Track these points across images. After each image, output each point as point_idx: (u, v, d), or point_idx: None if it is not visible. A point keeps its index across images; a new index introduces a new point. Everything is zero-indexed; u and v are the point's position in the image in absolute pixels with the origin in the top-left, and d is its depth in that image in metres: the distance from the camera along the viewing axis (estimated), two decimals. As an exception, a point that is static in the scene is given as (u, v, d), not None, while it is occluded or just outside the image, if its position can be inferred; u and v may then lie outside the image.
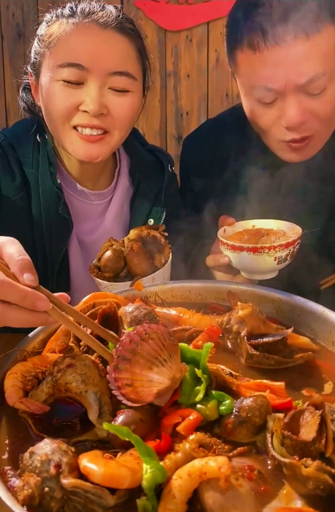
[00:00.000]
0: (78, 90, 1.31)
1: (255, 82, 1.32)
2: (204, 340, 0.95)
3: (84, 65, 1.29)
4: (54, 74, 1.31)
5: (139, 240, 1.30)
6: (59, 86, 1.31)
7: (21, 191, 1.41)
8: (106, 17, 1.31)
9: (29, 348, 0.98)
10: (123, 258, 1.28)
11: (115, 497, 0.67)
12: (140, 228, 1.33)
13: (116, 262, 1.27)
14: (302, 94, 1.29)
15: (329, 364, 0.96)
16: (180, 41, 3.30)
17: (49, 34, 1.34)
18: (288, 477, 0.70)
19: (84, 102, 1.30)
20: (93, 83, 1.30)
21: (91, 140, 1.34)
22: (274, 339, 0.94)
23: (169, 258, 1.30)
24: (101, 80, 1.30)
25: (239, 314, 0.98)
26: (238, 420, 0.77)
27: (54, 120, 1.36)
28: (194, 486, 0.68)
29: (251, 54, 1.28)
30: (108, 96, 1.32)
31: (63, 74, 1.30)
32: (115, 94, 1.33)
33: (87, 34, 1.31)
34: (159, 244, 1.32)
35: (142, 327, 0.82)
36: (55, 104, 1.33)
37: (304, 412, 0.74)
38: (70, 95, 1.31)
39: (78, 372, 0.82)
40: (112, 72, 1.31)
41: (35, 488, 0.67)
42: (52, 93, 1.33)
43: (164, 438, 0.74)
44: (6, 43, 3.40)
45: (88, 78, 1.30)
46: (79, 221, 1.50)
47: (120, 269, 1.28)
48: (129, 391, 0.78)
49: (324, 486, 0.67)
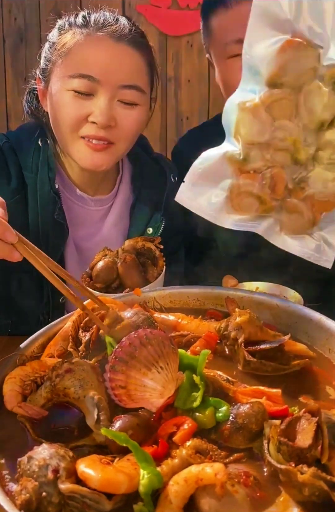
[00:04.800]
0: (88, 101, 1.32)
1: (228, 39, 1.37)
2: (201, 346, 0.96)
3: (96, 77, 1.30)
4: (65, 83, 1.32)
5: (134, 252, 1.30)
6: (70, 96, 1.32)
7: (17, 195, 1.41)
8: (119, 30, 1.33)
9: (28, 353, 0.98)
10: (116, 270, 1.26)
11: (112, 502, 0.68)
12: (135, 239, 1.33)
13: (109, 274, 1.26)
14: None
15: (325, 371, 0.96)
16: (180, 46, 3.31)
17: (63, 43, 1.34)
18: (284, 483, 0.71)
19: (93, 114, 1.32)
20: (103, 95, 1.31)
21: (97, 148, 1.35)
22: (271, 346, 0.94)
23: (162, 271, 1.30)
24: (111, 92, 1.32)
25: (236, 321, 0.98)
26: (234, 427, 0.77)
27: (62, 129, 1.38)
28: (190, 492, 0.68)
29: (224, 12, 1.36)
30: (117, 108, 1.34)
31: (74, 84, 1.31)
32: (124, 106, 1.34)
33: (100, 47, 1.32)
34: (154, 256, 1.31)
35: (144, 331, 0.83)
36: (64, 114, 1.34)
37: (300, 419, 0.75)
38: (80, 105, 1.32)
39: (76, 377, 0.82)
40: (122, 85, 1.33)
41: (33, 493, 0.67)
42: (62, 102, 1.34)
43: (162, 444, 0.75)
44: (8, 47, 3.40)
45: (99, 90, 1.31)
46: (78, 226, 1.50)
47: (112, 280, 1.26)
48: (122, 393, 0.79)
49: (320, 493, 0.67)
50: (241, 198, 1.01)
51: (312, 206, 1.06)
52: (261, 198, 1.02)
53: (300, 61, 0.98)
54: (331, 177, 1.03)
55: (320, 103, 1.00)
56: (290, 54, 0.98)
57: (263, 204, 1.04)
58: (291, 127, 1.00)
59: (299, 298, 1.28)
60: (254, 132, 0.99)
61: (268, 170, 1.02)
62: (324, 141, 1.02)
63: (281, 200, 1.05)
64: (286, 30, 0.98)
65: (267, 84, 0.99)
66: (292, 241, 1.09)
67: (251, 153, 1.00)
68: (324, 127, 1.02)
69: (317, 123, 1.02)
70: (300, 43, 0.98)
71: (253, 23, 0.99)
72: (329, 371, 0.96)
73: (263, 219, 1.06)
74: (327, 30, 0.99)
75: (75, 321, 0.99)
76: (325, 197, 1.05)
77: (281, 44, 0.98)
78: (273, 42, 0.98)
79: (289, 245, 1.09)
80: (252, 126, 0.98)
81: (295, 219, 1.07)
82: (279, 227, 1.08)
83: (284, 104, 1.00)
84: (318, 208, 1.06)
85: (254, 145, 1.00)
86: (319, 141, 1.03)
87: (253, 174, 1.01)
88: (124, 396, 0.79)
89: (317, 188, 1.04)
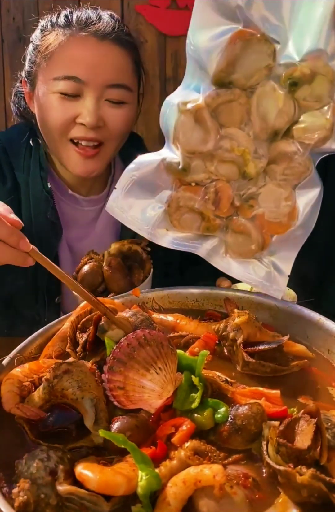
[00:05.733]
0: (74, 102, 1.31)
1: None
2: (200, 347, 0.96)
3: (81, 78, 1.29)
4: (51, 86, 1.31)
5: (120, 255, 1.28)
6: (56, 98, 1.31)
7: (11, 195, 1.41)
8: (103, 28, 1.31)
9: (26, 354, 0.98)
10: (101, 274, 1.25)
11: (110, 504, 0.68)
12: (122, 243, 1.31)
13: (94, 278, 1.25)
14: None
15: (324, 372, 0.96)
16: (179, 46, 3.31)
17: (46, 45, 1.33)
18: (283, 485, 0.71)
19: (81, 115, 1.31)
20: (90, 96, 1.30)
21: (88, 155, 1.35)
22: (270, 347, 0.94)
23: (149, 274, 1.28)
24: (98, 92, 1.31)
25: (235, 322, 0.98)
26: (233, 428, 0.77)
27: (51, 133, 1.37)
28: (188, 493, 0.68)
29: None
30: (105, 108, 1.33)
31: (60, 86, 1.30)
32: (111, 106, 1.34)
33: (84, 47, 1.30)
34: (141, 259, 1.30)
35: (143, 332, 0.83)
36: (52, 117, 1.33)
37: (299, 420, 0.75)
38: (67, 108, 1.31)
39: (74, 379, 0.82)
40: (109, 85, 1.32)
41: (31, 495, 0.67)
42: (49, 106, 1.33)
43: (160, 445, 0.75)
44: (6, 46, 3.40)
45: (85, 91, 1.30)
46: (70, 227, 1.50)
47: (98, 284, 1.25)
48: (120, 394, 0.79)
49: (319, 494, 0.67)
50: (180, 213, 0.92)
51: (262, 227, 0.95)
52: (203, 214, 0.93)
53: (252, 56, 0.84)
54: (284, 195, 0.91)
55: (274, 108, 0.86)
56: (241, 47, 0.84)
57: (206, 221, 0.94)
58: (240, 136, 0.88)
59: (293, 295, 1.27)
60: (196, 140, 0.87)
61: (211, 183, 0.91)
62: (277, 153, 0.90)
63: (226, 218, 0.94)
64: (237, 19, 0.84)
65: (213, 82, 0.86)
66: (238, 265, 0.99)
67: (192, 163, 0.89)
68: (277, 137, 0.89)
69: (270, 132, 0.88)
70: (252, 34, 0.84)
71: (198, 6, 0.84)
72: (328, 372, 0.96)
73: (205, 239, 0.96)
74: (285, 22, 0.84)
75: (73, 322, 0.98)
76: (277, 218, 0.93)
77: (231, 34, 0.84)
78: (221, 31, 0.83)
79: (234, 270, 0.99)
80: (193, 132, 0.86)
81: (242, 241, 0.96)
82: (224, 249, 0.98)
83: (233, 108, 0.87)
84: (268, 230, 0.95)
85: (196, 155, 0.88)
86: (271, 153, 0.90)
87: (194, 187, 0.91)
88: (122, 397, 0.79)
89: (268, 207, 0.92)
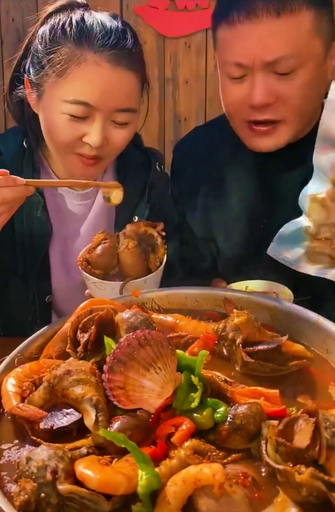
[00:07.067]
0: (82, 123, 1.32)
1: (226, 57, 1.34)
2: (199, 347, 0.96)
3: (92, 104, 1.30)
4: (60, 106, 1.31)
5: (136, 238, 1.22)
6: (64, 119, 1.32)
7: None
8: (118, 52, 1.30)
9: (26, 354, 0.98)
10: (116, 256, 1.20)
11: (111, 503, 0.68)
12: (137, 224, 1.26)
13: (109, 260, 1.19)
14: (271, 75, 1.29)
15: (323, 372, 0.97)
16: (178, 47, 3.32)
17: (58, 60, 1.31)
18: (282, 484, 0.71)
19: (88, 136, 1.33)
20: (98, 119, 1.32)
21: (89, 164, 1.38)
22: (268, 347, 0.95)
23: (163, 260, 1.24)
24: (106, 116, 1.32)
25: (234, 322, 0.98)
26: (232, 427, 0.77)
27: (56, 145, 1.40)
28: (188, 492, 0.68)
29: (227, 29, 1.32)
30: (110, 128, 1.35)
31: (70, 109, 1.30)
32: (116, 126, 1.35)
33: (97, 73, 1.30)
34: (155, 243, 1.24)
35: (142, 332, 0.83)
36: (58, 135, 1.35)
37: (298, 419, 0.75)
38: (75, 128, 1.32)
39: (74, 378, 0.82)
40: (118, 109, 1.33)
41: (31, 494, 0.68)
42: (56, 124, 1.34)
43: (160, 445, 0.75)
44: (6, 48, 3.41)
45: (94, 114, 1.31)
46: (64, 221, 1.51)
47: (112, 267, 1.20)
48: (120, 394, 0.79)
49: (318, 493, 0.68)
50: (315, 255, 1.23)
51: None
52: (331, 255, 1.22)
53: None
54: None
55: None
56: None
57: (333, 259, 1.24)
58: None
59: (289, 293, 1.27)
60: (322, 218, 1.19)
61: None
62: None
63: None
64: None
65: (332, 183, 1.17)
66: None
67: (321, 228, 1.21)
68: None
69: None
70: None
71: (322, 134, 1.12)
72: (326, 372, 0.97)
73: (333, 267, 1.24)
74: None
75: (73, 322, 0.98)
76: None
77: None
78: None
79: None
80: (321, 213, 1.19)
81: None
82: None
83: None
84: None
85: (323, 225, 1.21)
86: None
87: (324, 240, 1.22)
88: (122, 397, 0.79)
89: None
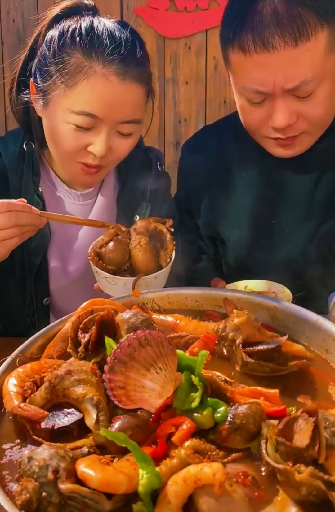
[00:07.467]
0: (87, 133, 1.33)
1: (245, 84, 1.33)
2: (199, 347, 0.96)
3: (99, 116, 1.30)
4: (67, 116, 1.31)
5: (146, 234, 1.23)
6: (70, 128, 1.32)
7: (2, 197, 1.42)
8: (126, 65, 1.30)
9: (28, 354, 0.99)
10: (128, 252, 1.21)
11: (112, 502, 0.68)
12: (148, 221, 1.26)
13: (122, 256, 1.20)
14: (291, 97, 1.30)
15: (323, 372, 0.97)
16: (178, 48, 3.32)
17: (67, 69, 1.30)
18: (282, 483, 0.72)
19: (92, 145, 1.33)
20: (103, 130, 1.32)
21: (91, 172, 1.39)
22: (268, 347, 0.95)
23: (172, 256, 1.25)
24: (111, 127, 1.33)
25: (234, 322, 0.99)
26: (232, 427, 0.78)
27: (59, 154, 1.41)
28: (189, 492, 0.69)
29: (241, 55, 1.29)
30: (114, 138, 1.35)
31: (74, 118, 1.30)
32: (120, 136, 1.36)
33: (105, 86, 1.30)
34: (165, 240, 1.25)
35: (143, 332, 0.84)
36: (63, 144, 1.36)
37: (298, 419, 0.75)
38: (80, 138, 1.33)
39: (75, 378, 0.83)
40: (123, 121, 1.34)
41: (33, 493, 0.68)
42: (61, 133, 1.34)
43: (160, 444, 0.75)
44: (6, 48, 3.41)
45: (100, 125, 1.32)
46: None
47: (125, 262, 1.21)
48: (121, 394, 0.80)
49: (317, 492, 0.68)
50: None
51: None
52: None
53: None
54: None
55: None
56: None
57: None
58: None
59: (288, 293, 1.28)
60: None
61: None
62: None
63: None
64: None
65: None
66: None
67: None
68: None
69: None
70: None
71: None
72: (326, 372, 0.97)
73: None
74: None
75: (74, 323, 0.99)
76: None
77: None
78: None
79: None
80: None
81: None
82: None
83: None
84: None
85: None
86: None
87: None
88: (123, 396, 0.80)
89: None
